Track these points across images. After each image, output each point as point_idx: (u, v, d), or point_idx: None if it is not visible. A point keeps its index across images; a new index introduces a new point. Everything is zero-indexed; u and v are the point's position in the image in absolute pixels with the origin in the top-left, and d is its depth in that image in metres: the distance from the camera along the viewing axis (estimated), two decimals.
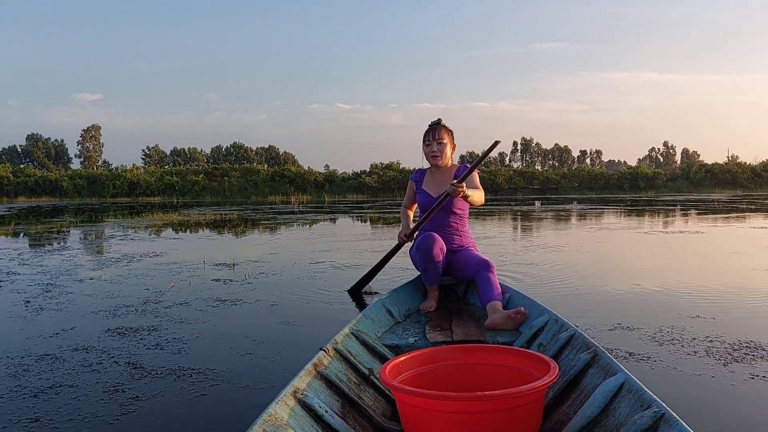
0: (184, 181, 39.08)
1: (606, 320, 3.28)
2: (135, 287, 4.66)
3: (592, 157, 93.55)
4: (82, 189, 37.89)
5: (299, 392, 1.61)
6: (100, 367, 2.57)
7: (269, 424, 1.39)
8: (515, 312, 2.59)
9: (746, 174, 44.18)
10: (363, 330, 2.39)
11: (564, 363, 1.96)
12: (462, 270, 3.15)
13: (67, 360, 2.69)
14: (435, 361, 1.86)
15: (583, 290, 4.29)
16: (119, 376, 2.45)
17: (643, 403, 1.41)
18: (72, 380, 2.40)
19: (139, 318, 3.55)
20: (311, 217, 15.37)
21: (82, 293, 4.45)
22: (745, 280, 4.72)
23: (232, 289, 4.50)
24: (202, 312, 3.71)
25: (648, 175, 44.15)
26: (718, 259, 6.16)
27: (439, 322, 2.79)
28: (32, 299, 4.22)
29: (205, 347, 2.90)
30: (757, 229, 10.02)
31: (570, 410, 1.69)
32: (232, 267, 5.77)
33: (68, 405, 2.13)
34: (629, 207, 19.59)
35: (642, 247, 7.45)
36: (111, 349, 2.87)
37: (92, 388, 2.30)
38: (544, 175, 45.87)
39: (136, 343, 2.98)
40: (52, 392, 2.27)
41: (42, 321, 3.53)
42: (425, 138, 3.29)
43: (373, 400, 1.90)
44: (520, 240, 8.60)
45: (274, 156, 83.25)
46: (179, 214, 17.31)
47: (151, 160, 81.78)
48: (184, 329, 3.26)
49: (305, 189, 39.02)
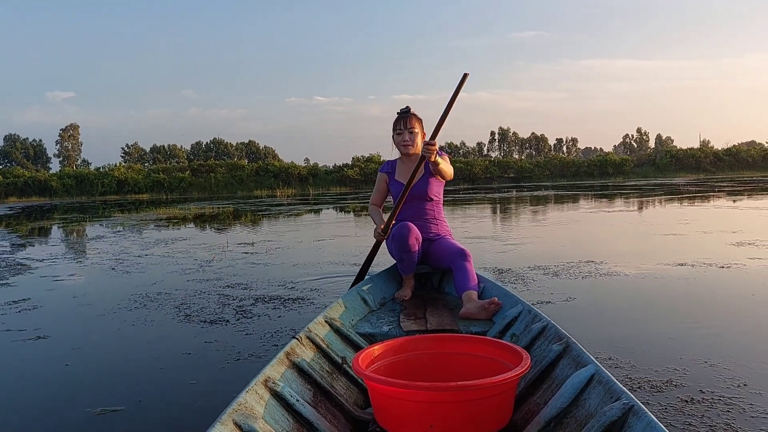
0: (171, 178, 40.24)
1: (520, 264, 4.95)
2: (186, 259, 6.24)
3: (568, 145, 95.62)
4: (71, 188, 38.87)
5: (270, 381, 1.61)
6: (201, 295, 4.19)
7: (239, 414, 1.39)
8: (489, 302, 2.59)
9: (709, 159, 46.56)
10: (337, 318, 2.40)
11: (536, 353, 1.97)
12: (438, 259, 3.11)
13: (164, 297, 4.30)
14: (408, 351, 1.88)
15: (514, 256, 5.98)
16: (216, 300, 4.07)
17: (613, 395, 1.43)
18: (183, 303, 4.02)
19: (204, 274, 5.15)
20: (301, 208, 16.97)
21: (150, 263, 6.02)
22: (644, 244, 6.46)
23: (259, 258, 6.10)
24: (246, 269, 5.32)
25: (616, 161, 46.35)
26: (631, 231, 7.92)
27: (414, 310, 2.79)
28: (117, 267, 5.79)
29: (262, 285, 4.51)
30: (676, 207, 11.86)
31: (541, 401, 1.71)
32: (252, 245, 7.36)
33: (194, 310, 3.75)
34: (584, 191, 21.48)
35: (578, 222, 9.21)
36: (201, 287, 4.48)
37: (203, 303, 3.91)
38: (519, 164, 47.81)
39: (217, 286, 4.59)
40: (177, 311, 3.88)
41: (135, 277, 5.12)
42: (395, 127, 3.22)
43: (345, 389, 1.91)
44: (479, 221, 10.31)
45: (254, 151, 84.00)
46: (179, 209, 18.77)
47: (131, 158, 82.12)
48: (243, 277, 4.87)
49: (290, 183, 40.43)
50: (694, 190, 19.60)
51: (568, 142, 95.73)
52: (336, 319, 2.36)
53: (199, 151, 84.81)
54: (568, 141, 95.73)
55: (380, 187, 3.38)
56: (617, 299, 3.69)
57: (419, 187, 3.16)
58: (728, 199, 13.70)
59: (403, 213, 3.20)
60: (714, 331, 2.86)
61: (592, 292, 3.86)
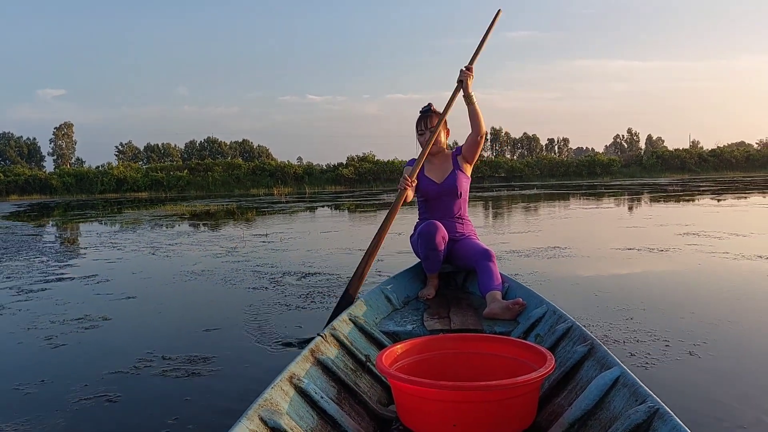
0: (169, 177, 41.10)
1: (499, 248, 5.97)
2: (213, 246, 7.23)
3: (560, 145, 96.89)
4: (71, 186, 39.67)
5: (295, 378, 1.63)
6: (237, 272, 5.19)
7: (264, 409, 1.42)
8: (513, 302, 2.59)
9: (694, 159, 47.93)
10: (361, 316, 2.43)
11: (560, 355, 1.97)
12: (463, 259, 3.11)
13: (208, 273, 5.30)
14: (432, 350, 1.89)
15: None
16: (251, 275, 5.07)
17: (638, 398, 1.43)
18: (224, 281, 5.03)
19: (234, 257, 6.14)
20: (300, 205, 17.98)
21: (183, 250, 7.01)
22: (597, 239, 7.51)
23: (276, 246, 7.10)
24: (267, 253, 6.32)
25: (604, 162, 47.65)
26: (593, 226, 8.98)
27: (438, 309, 2.80)
28: (156, 252, 6.78)
29: (285, 264, 5.51)
30: (650, 206, 12.96)
31: (565, 402, 1.70)
32: (266, 236, 8.35)
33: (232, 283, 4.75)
34: (569, 191, 22.60)
35: (553, 217, 10.27)
36: (236, 267, 5.48)
37: (242, 276, 4.92)
38: (510, 164, 48.99)
39: (248, 266, 5.59)
40: (224, 281, 4.88)
41: (176, 260, 6.11)
42: (418, 127, 3.20)
43: (369, 387, 1.93)
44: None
45: (248, 150, 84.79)
46: (186, 206, 19.74)
47: (126, 156, 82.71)
48: (267, 259, 5.87)
49: (285, 181, 41.37)
50: (671, 189, 20.76)
51: (560, 142, 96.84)
52: (360, 317, 2.40)
53: (193, 149, 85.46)
54: (560, 141, 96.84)
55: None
56: (568, 271, 4.72)
57: (449, 182, 3.14)
58: (697, 198, 14.84)
59: (430, 210, 3.22)
60: (636, 284, 3.90)
61: (550, 267, 4.89)
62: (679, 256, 5.30)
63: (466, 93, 2.94)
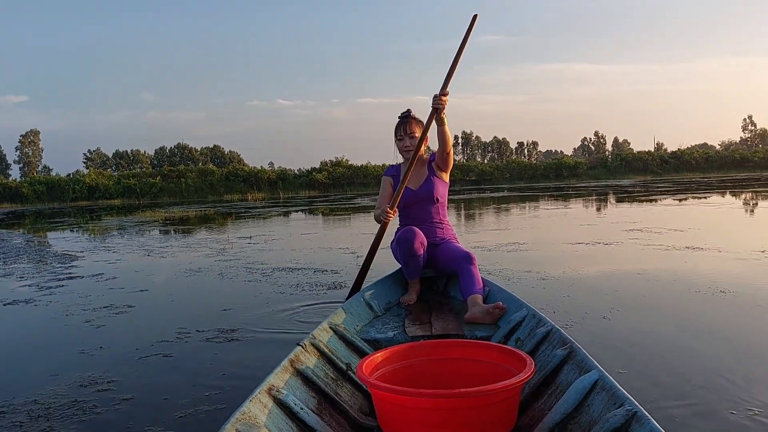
0: (142, 184, 41.12)
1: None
2: (202, 248, 7.81)
3: (529, 148, 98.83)
4: (42, 195, 39.41)
5: (274, 389, 1.62)
6: (230, 269, 5.80)
7: (242, 423, 1.40)
8: (494, 306, 2.61)
9: (655, 162, 49.78)
10: (342, 324, 2.42)
11: (540, 358, 1.99)
12: (444, 263, 3.13)
13: (205, 271, 5.91)
14: (412, 357, 1.90)
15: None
16: (244, 271, 5.69)
17: (617, 401, 1.44)
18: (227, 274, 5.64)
19: (225, 257, 6.75)
20: (277, 210, 18.54)
21: (175, 252, 7.57)
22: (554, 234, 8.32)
23: (261, 246, 7.71)
24: (255, 253, 6.94)
25: (570, 164, 49.19)
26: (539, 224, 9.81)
27: (419, 315, 2.82)
28: (151, 254, 7.34)
29: (272, 262, 6.14)
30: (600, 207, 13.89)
31: (545, 406, 1.71)
32: (250, 238, 8.95)
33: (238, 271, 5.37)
34: (535, 192, 23.60)
35: (514, 216, 11.09)
36: (228, 264, 6.09)
37: (236, 272, 5.54)
38: (479, 167, 50.14)
39: (239, 264, 6.20)
40: (220, 277, 5.50)
41: (170, 260, 6.69)
42: (397, 132, 3.21)
43: (350, 396, 1.92)
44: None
45: (219, 156, 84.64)
46: (165, 211, 20.13)
47: (94, 163, 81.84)
48: (256, 257, 6.49)
49: (259, 187, 41.75)
50: (631, 190, 21.91)
51: (529, 146, 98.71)
52: (340, 325, 2.39)
53: (163, 156, 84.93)
54: (529, 144, 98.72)
55: (386, 190, 3.33)
56: (522, 262, 5.45)
57: (425, 189, 3.17)
58: (651, 198, 15.87)
59: (409, 217, 3.24)
60: (575, 270, 4.65)
61: (508, 259, 5.62)
62: (619, 248, 6.10)
63: (439, 117, 2.96)
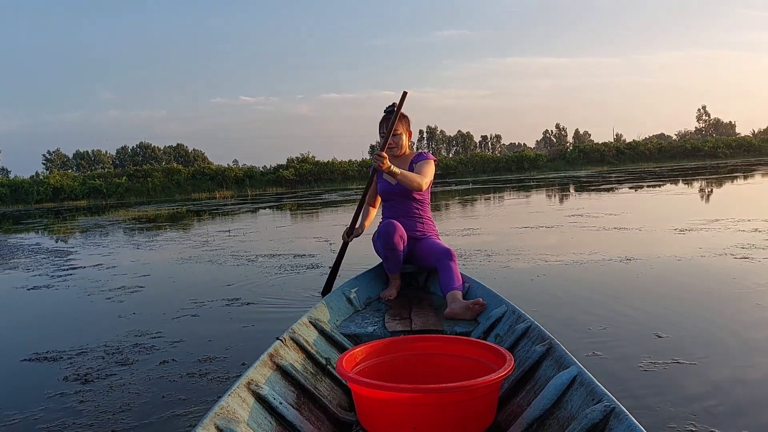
0: (108, 184, 40.93)
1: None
2: (186, 241, 8.47)
3: (493, 141, 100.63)
4: (5, 197, 38.88)
5: (253, 383, 1.63)
6: (218, 257, 6.51)
7: (221, 417, 1.40)
8: (474, 302, 2.63)
9: (612, 153, 51.70)
10: (322, 319, 2.43)
11: (519, 354, 2.00)
12: (424, 258, 3.16)
13: (195, 259, 6.61)
14: (392, 352, 1.91)
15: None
16: (230, 258, 6.41)
17: (595, 397, 1.45)
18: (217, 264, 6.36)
19: (210, 248, 7.44)
20: (247, 207, 19.15)
21: (162, 246, 8.21)
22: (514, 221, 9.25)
23: (241, 239, 8.41)
24: (237, 244, 7.64)
25: (531, 157, 50.71)
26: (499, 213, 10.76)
27: (399, 310, 2.83)
28: (140, 248, 7.98)
29: (255, 251, 6.87)
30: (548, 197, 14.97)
31: (524, 402, 1.72)
32: (228, 232, 9.62)
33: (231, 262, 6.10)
34: (496, 185, 24.71)
35: (472, 207, 12.00)
36: (214, 254, 6.79)
37: (224, 259, 6.26)
38: (444, 161, 51.27)
39: (224, 253, 6.91)
40: (211, 263, 6.21)
41: (160, 253, 7.35)
42: (380, 129, 3.24)
43: (329, 391, 1.93)
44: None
45: (183, 154, 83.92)
46: (137, 210, 20.49)
47: (54, 164, 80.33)
48: (238, 248, 7.20)
49: (227, 185, 42.00)
50: (585, 181, 23.17)
51: (493, 139, 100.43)
52: (320, 320, 2.39)
53: (125, 156, 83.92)
54: (493, 138, 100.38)
55: (373, 185, 3.42)
56: (475, 244, 6.31)
57: (399, 184, 3.14)
58: (602, 188, 17.05)
59: (389, 211, 3.31)
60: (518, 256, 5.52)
61: (463, 242, 6.47)
62: (559, 229, 7.02)
63: (387, 173, 2.97)
